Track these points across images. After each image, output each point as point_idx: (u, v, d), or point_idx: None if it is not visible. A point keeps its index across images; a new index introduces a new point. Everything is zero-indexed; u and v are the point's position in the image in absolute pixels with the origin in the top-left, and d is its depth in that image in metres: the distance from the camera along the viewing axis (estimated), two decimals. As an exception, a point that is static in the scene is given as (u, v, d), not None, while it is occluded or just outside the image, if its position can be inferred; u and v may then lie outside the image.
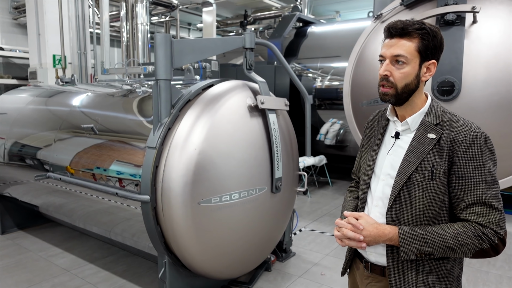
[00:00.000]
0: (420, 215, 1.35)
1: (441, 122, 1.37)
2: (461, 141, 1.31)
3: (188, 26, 12.49)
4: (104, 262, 3.60)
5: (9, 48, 7.50)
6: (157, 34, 2.43)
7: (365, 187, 1.51)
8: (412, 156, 1.36)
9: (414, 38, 1.31)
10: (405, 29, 1.31)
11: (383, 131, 1.51)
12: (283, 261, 3.61)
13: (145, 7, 4.89)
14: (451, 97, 4.42)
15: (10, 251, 3.86)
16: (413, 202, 1.35)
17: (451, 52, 4.41)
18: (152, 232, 2.49)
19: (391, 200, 1.37)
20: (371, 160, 1.50)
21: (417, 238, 1.30)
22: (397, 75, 1.32)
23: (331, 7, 10.71)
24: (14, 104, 4.18)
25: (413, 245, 1.29)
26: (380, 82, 1.37)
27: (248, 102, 2.73)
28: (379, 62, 1.38)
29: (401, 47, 1.31)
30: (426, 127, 1.37)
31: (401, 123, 1.42)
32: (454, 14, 4.35)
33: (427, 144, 1.35)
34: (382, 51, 1.36)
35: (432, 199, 1.33)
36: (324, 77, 6.95)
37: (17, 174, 3.77)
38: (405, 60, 1.31)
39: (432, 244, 1.29)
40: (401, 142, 1.42)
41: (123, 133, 2.90)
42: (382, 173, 1.44)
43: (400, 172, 1.37)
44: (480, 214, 1.29)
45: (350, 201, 1.64)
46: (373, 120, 1.61)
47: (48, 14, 5.39)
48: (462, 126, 1.33)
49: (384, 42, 1.37)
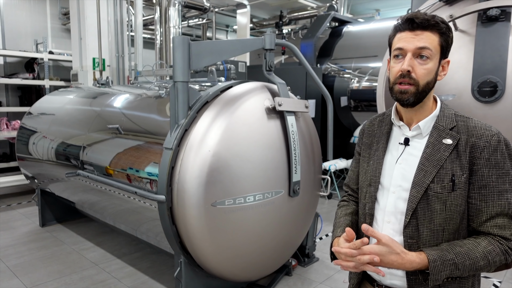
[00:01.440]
0: (440, 230, 1.21)
1: (456, 126, 1.24)
2: (483, 146, 1.19)
3: (226, 28, 12.65)
4: (131, 258, 3.73)
5: (58, 52, 8.01)
6: (175, 37, 2.47)
7: (372, 201, 1.34)
8: (428, 164, 1.22)
9: (436, 31, 1.19)
10: (430, 21, 1.17)
11: (387, 138, 1.36)
12: (305, 266, 3.54)
13: (177, 11, 5.01)
14: (493, 98, 4.11)
15: (48, 243, 4.11)
16: (432, 216, 1.21)
17: (493, 50, 4.10)
18: (168, 232, 2.53)
19: (408, 215, 1.23)
20: (376, 170, 1.34)
21: (447, 264, 1.15)
22: (420, 71, 1.19)
23: (371, 5, 10.37)
24: (53, 104, 4.45)
25: (443, 272, 1.15)
26: (397, 80, 1.21)
27: (266, 104, 2.69)
28: (396, 58, 1.23)
29: (425, 40, 1.17)
30: (440, 132, 1.24)
31: (413, 128, 1.28)
32: (498, 9, 4.04)
33: (443, 150, 1.22)
34: (401, 44, 1.20)
35: (453, 212, 1.20)
36: (360, 78, 6.74)
37: (54, 171, 4.00)
38: (429, 54, 1.18)
39: (463, 268, 1.16)
40: (412, 149, 1.28)
41: (146, 133, 2.98)
42: (392, 185, 1.29)
43: (416, 184, 1.22)
44: (503, 226, 1.18)
45: (342, 217, 1.44)
46: (371, 126, 1.46)
47: (88, 19, 5.69)
48: (482, 130, 1.21)
49: (400, 35, 1.22)
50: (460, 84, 4.38)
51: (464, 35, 4.41)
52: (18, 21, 8.08)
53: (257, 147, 2.59)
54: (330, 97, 2.99)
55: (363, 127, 1.50)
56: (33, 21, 8.35)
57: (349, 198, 1.54)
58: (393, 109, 1.36)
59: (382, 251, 1.13)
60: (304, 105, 2.89)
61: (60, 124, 4.00)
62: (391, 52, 1.26)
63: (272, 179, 2.66)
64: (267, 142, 2.65)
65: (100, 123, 3.45)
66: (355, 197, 1.52)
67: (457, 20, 4.36)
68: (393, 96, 1.25)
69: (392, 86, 1.24)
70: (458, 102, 4.37)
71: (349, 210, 1.47)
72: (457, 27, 4.46)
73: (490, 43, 4.15)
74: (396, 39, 1.23)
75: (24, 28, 8.18)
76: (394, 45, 1.24)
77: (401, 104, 1.26)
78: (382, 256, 1.12)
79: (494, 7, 4.04)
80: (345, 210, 1.48)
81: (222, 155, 2.42)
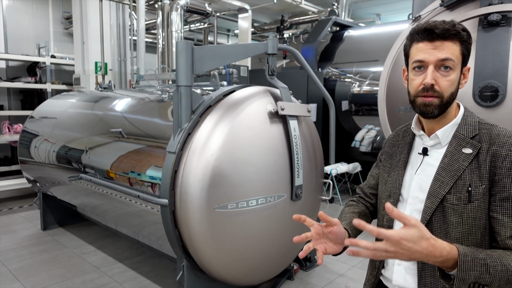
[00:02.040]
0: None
1: (478, 134, 1.18)
2: (505, 155, 1.12)
3: (227, 32, 12.71)
4: (132, 262, 3.73)
5: (60, 56, 8.05)
6: (178, 41, 2.48)
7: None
8: (445, 174, 1.17)
9: (458, 40, 1.14)
10: (450, 30, 1.12)
11: (409, 148, 1.32)
12: (307, 270, 3.53)
13: (179, 15, 5.04)
14: (494, 103, 4.12)
15: (49, 246, 4.11)
16: (449, 229, 1.15)
17: (495, 54, 4.12)
18: (170, 235, 2.53)
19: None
20: (396, 181, 1.30)
21: (478, 263, 1.02)
22: (444, 83, 1.14)
23: (371, 10, 10.42)
24: (56, 108, 4.47)
25: (472, 272, 1.01)
26: (420, 93, 1.15)
27: (268, 108, 2.70)
28: (416, 70, 1.18)
29: (447, 50, 1.12)
30: (460, 141, 1.19)
31: (431, 137, 1.24)
32: (499, 14, 4.06)
33: (462, 160, 1.16)
34: (422, 56, 1.14)
35: (471, 226, 1.13)
36: (361, 82, 6.76)
37: (57, 175, 4.01)
38: (452, 65, 1.13)
39: (494, 273, 1.02)
40: (430, 159, 1.24)
41: (149, 137, 2.99)
42: (410, 196, 1.24)
43: (431, 194, 1.17)
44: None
45: (349, 213, 1.40)
46: (395, 136, 1.42)
47: (91, 23, 5.73)
48: (505, 138, 1.14)
49: (419, 45, 1.16)
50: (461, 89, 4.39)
51: (465, 40, 4.44)
52: (21, 25, 8.13)
53: (260, 151, 2.59)
54: (332, 101, 3.00)
55: (388, 138, 1.46)
56: (35, 25, 8.41)
57: (359, 199, 1.51)
58: (415, 118, 1.31)
59: (413, 236, 0.96)
60: (306, 109, 2.90)
61: (63, 128, 4.02)
62: (409, 63, 1.22)
63: (274, 183, 2.66)
64: (270, 146, 2.65)
65: (103, 126, 3.46)
66: (366, 200, 1.50)
67: (458, 25, 4.39)
68: (416, 109, 1.20)
69: (414, 99, 1.19)
70: (459, 106, 4.39)
71: (357, 210, 1.43)
72: (458, 32, 4.48)
73: (491, 48, 4.17)
74: (414, 49, 1.18)
75: (27, 32, 8.23)
76: (412, 56, 1.19)
77: (424, 116, 1.21)
78: (413, 243, 0.96)
79: (495, 12, 4.06)
80: (353, 209, 1.43)
81: (225, 159, 2.43)
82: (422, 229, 0.98)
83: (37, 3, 8.43)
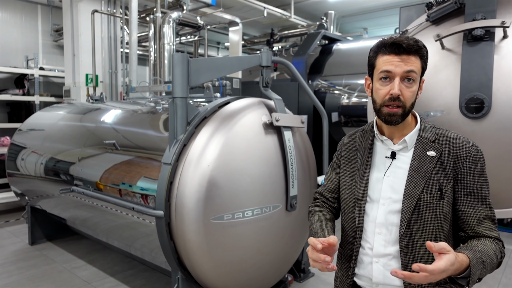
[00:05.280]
0: (433, 238, 1.27)
1: (437, 139, 1.33)
2: (465, 157, 1.28)
3: (217, 45, 12.82)
4: (124, 276, 3.66)
5: (49, 68, 7.99)
6: (174, 54, 2.51)
7: (361, 215, 1.38)
8: (417, 176, 1.29)
9: (418, 55, 1.26)
10: (414, 46, 1.24)
11: (370, 152, 1.41)
12: (301, 281, 3.53)
13: (172, 28, 5.08)
14: (480, 114, 4.24)
15: (38, 261, 4.01)
16: (424, 225, 1.27)
17: (479, 68, 4.26)
18: (165, 248, 2.51)
19: (403, 226, 1.28)
20: (363, 184, 1.38)
21: (479, 262, 1.14)
22: (407, 94, 1.25)
23: (359, 24, 10.68)
24: (46, 120, 4.42)
25: (477, 271, 1.13)
26: (386, 102, 1.26)
27: (263, 120, 2.74)
28: (382, 80, 1.28)
29: (411, 64, 1.24)
30: (424, 145, 1.32)
31: (399, 142, 1.35)
32: (483, 29, 4.22)
33: (428, 162, 1.29)
34: (389, 67, 1.25)
35: (443, 220, 1.28)
36: (350, 94, 6.88)
37: (47, 187, 3.95)
38: (414, 77, 1.26)
39: (488, 266, 1.17)
40: (398, 163, 1.34)
41: (143, 148, 2.99)
42: (381, 198, 1.34)
43: (408, 195, 1.29)
44: (490, 229, 1.27)
45: (323, 221, 1.44)
46: (351, 141, 1.51)
47: (83, 35, 5.73)
48: (462, 142, 1.30)
49: (384, 57, 1.27)
50: (448, 100, 4.51)
51: (451, 53, 4.57)
52: (9, 37, 8.07)
53: (255, 162, 2.61)
54: (325, 113, 3.06)
55: (342, 142, 1.56)
56: (24, 37, 8.36)
57: (322, 204, 1.57)
58: (374, 125, 1.41)
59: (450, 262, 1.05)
60: (300, 121, 2.94)
61: (53, 140, 3.97)
62: (374, 73, 1.32)
63: (270, 194, 2.68)
64: (265, 157, 2.68)
65: (96, 138, 3.44)
66: (328, 205, 1.56)
67: (444, 39, 4.53)
68: (382, 117, 1.30)
69: (380, 108, 1.29)
70: (447, 118, 4.50)
71: (327, 216, 1.49)
72: (444, 46, 4.63)
73: (476, 61, 4.31)
74: (380, 61, 1.28)
75: (15, 44, 8.17)
76: (379, 67, 1.28)
77: (388, 124, 1.31)
78: (451, 265, 1.05)
79: (479, 28, 4.21)
80: (323, 216, 1.48)
81: (221, 170, 2.44)
82: (450, 258, 1.06)
83: (26, 15, 8.39)
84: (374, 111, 1.33)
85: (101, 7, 6.08)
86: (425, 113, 4.64)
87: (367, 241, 1.36)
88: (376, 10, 9.77)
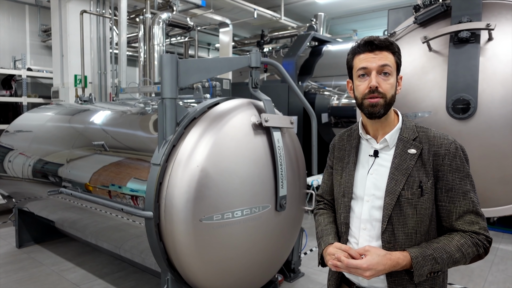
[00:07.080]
0: (413, 233, 1.32)
1: (418, 136, 1.37)
2: (444, 154, 1.32)
3: (208, 46, 12.81)
4: (113, 278, 3.64)
5: (37, 69, 7.90)
6: (163, 55, 2.51)
7: (347, 211, 1.44)
8: (398, 173, 1.34)
9: (390, 51, 1.33)
10: (385, 42, 1.32)
11: (356, 151, 1.47)
12: (291, 281, 3.54)
13: (161, 29, 5.07)
14: (466, 115, 4.31)
15: (25, 264, 3.96)
16: (405, 220, 1.32)
17: (465, 69, 4.33)
18: (155, 249, 2.50)
19: (385, 222, 1.33)
20: (349, 181, 1.45)
21: (428, 259, 1.26)
22: (386, 85, 1.31)
23: (348, 26, 10.77)
24: (34, 121, 4.37)
25: (426, 267, 1.25)
26: (366, 95, 1.32)
27: (252, 120, 2.75)
28: (360, 77, 1.34)
29: (385, 58, 1.31)
30: (405, 143, 1.36)
31: (380, 141, 1.39)
32: (468, 31, 4.30)
33: (409, 160, 1.33)
34: (364, 64, 1.32)
35: (423, 215, 1.32)
36: (340, 95, 6.93)
37: (34, 189, 3.90)
38: (390, 71, 1.31)
39: (442, 261, 1.27)
40: (381, 161, 1.39)
41: (132, 149, 2.98)
42: (365, 195, 1.39)
43: (390, 192, 1.33)
44: (471, 222, 1.31)
45: (328, 225, 1.53)
46: (340, 141, 1.57)
47: (71, 36, 5.68)
48: (441, 140, 1.34)
49: (360, 56, 1.34)
50: (435, 101, 4.59)
51: (438, 55, 4.65)
52: (-4, 37, 7.95)
53: (245, 162, 2.62)
54: (314, 114, 3.08)
55: (334, 142, 1.61)
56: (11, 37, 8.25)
57: (325, 206, 1.64)
58: (360, 124, 1.47)
59: (378, 259, 1.23)
60: (289, 121, 2.96)
61: (41, 142, 3.93)
62: (353, 73, 1.38)
63: (259, 194, 2.69)
64: (254, 158, 2.69)
65: (85, 139, 3.41)
66: (330, 206, 1.63)
67: (431, 41, 4.60)
68: (365, 110, 1.36)
69: (362, 102, 1.35)
70: (434, 118, 4.57)
71: (332, 219, 1.57)
72: (431, 48, 4.70)
73: (462, 63, 4.38)
74: (357, 60, 1.35)
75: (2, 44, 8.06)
76: (356, 66, 1.36)
77: (371, 116, 1.35)
78: (377, 264, 1.22)
79: (465, 30, 4.29)
80: (328, 218, 1.57)
81: (210, 171, 2.44)
82: (376, 251, 1.25)
83: (13, 16, 8.29)
84: (357, 107, 1.39)
85: (90, 8, 6.04)
86: (413, 114, 4.70)
87: (354, 237, 1.42)
88: (365, 12, 9.87)
